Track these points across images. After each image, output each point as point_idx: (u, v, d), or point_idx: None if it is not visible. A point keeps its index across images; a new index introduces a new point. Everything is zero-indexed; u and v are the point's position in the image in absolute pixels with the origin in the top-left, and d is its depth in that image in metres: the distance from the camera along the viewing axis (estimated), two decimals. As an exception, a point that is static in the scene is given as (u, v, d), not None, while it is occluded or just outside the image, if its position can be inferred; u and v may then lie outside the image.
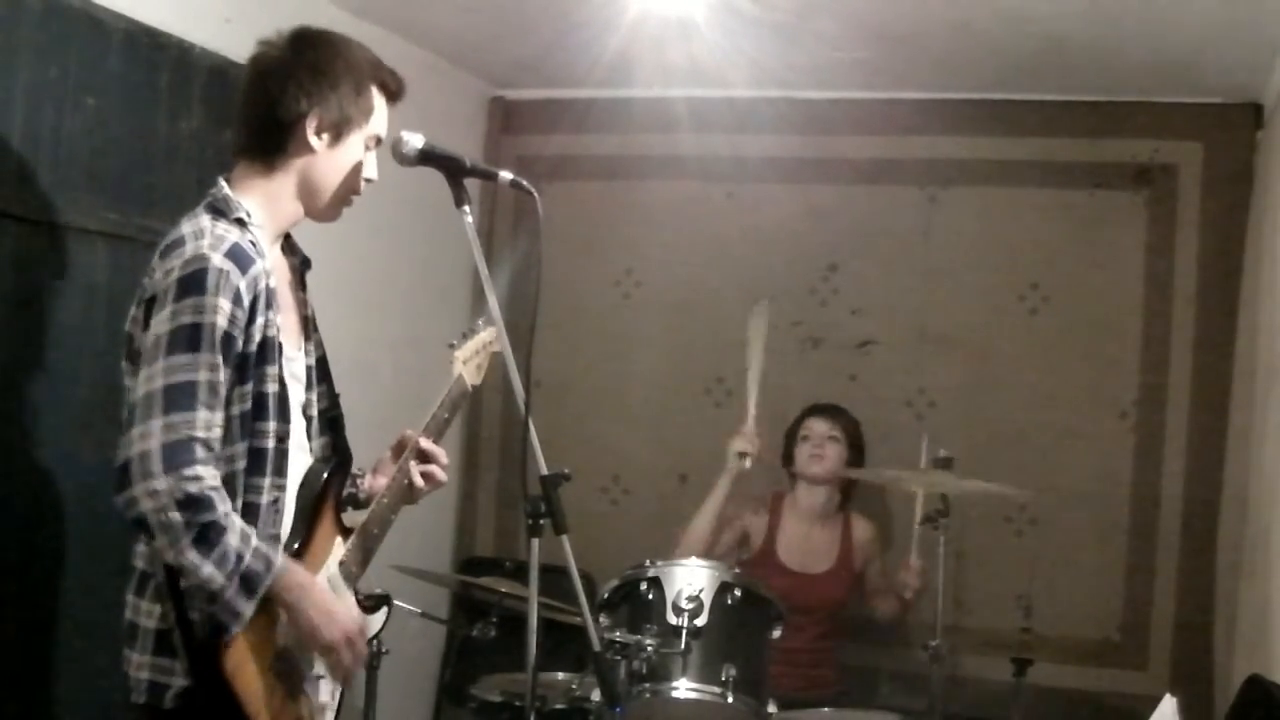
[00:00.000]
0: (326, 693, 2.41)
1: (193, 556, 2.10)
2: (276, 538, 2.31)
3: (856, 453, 4.15)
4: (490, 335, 2.75)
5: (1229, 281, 4.28)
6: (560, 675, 3.41)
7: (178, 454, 2.10)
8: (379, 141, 2.45)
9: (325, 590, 2.34)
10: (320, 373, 2.51)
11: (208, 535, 2.10)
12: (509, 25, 4.16)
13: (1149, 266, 4.41)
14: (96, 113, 3.05)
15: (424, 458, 2.59)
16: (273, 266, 2.33)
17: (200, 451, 2.12)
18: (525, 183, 2.38)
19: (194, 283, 2.16)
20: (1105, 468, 4.40)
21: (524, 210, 4.79)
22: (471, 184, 2.38)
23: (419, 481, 2.58)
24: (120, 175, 3.12)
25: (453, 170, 2.37)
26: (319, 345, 2.52)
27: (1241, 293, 4.25)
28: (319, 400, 2.50)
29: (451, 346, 2.69)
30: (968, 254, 4.56)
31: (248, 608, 2.15)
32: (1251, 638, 3.69)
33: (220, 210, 2.29)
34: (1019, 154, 4.53)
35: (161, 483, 2.08)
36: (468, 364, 2.70)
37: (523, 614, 2.42)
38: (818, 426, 4.15)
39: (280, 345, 2.31)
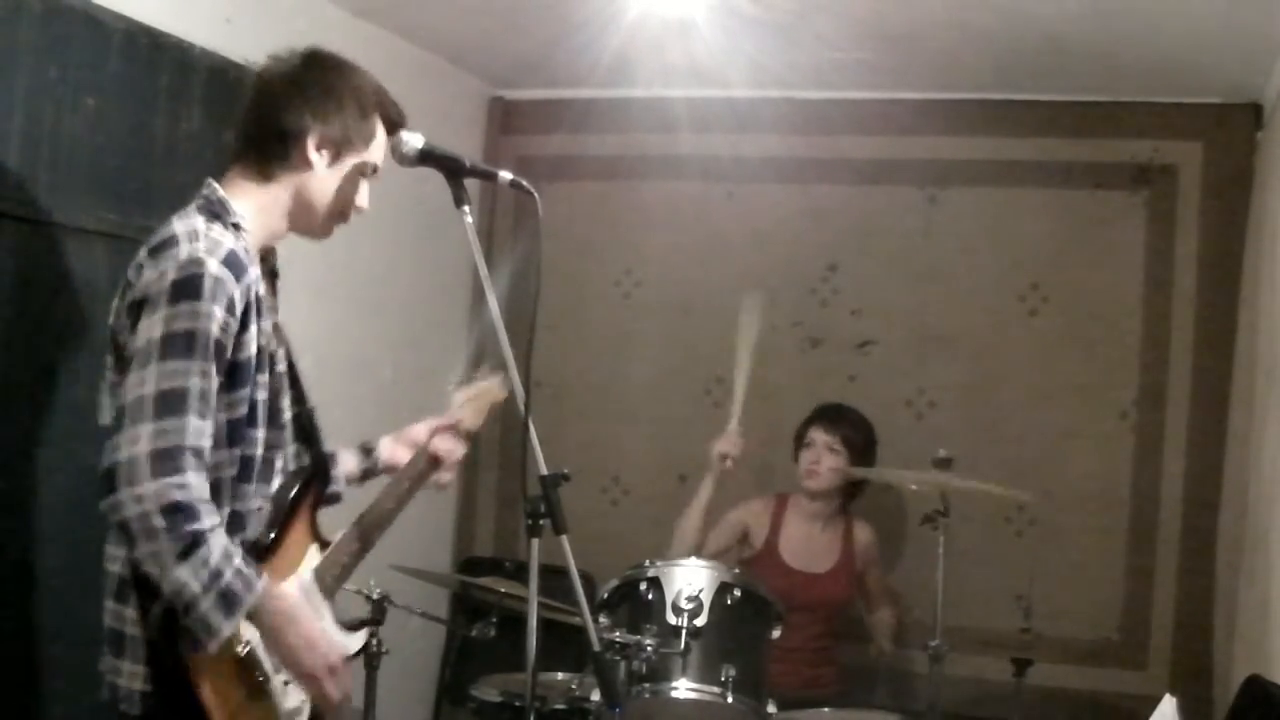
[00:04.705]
0: (296, 698, 2.34)
1: (172, 565, 2.06)
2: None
3: (863, 456, 4.07)
4: (491, 386, 2.74)
5: (1229, 281, 4.28)
6: (560, 675, 3.40)
7: (166, 461, 2.05)
8: (374, 171, 2.42)
9: (309, 617, 2.30)
10: (290, 378, 2.46)
11: (190, 545, 2.06)
12: (509, 25, 4.16)
13: (1149, 266, 4.41)
14: (96, 113, 3.04)
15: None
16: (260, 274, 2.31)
17: (190, 459, 2.08)
18: (525, 183, 2.37)
19: (189, 287, 2.12)
20: (1105, 468, 4.40)
21: (524, 210, 4.79)
22: (471, 184, 2.38)
23: (442, 452, 2.63)
24: (120, 175, 3.12)
25: (452, 170, 2.36)
26: (289, 350, 2.49)
27: (1241, 293, 4.25)
28: (291, 405, 2.45)
29: (452, 387, 2.70)
30: (968, 254, 4.56)
31: (225, 625, 2.11)
32: (1251, 638, 3.69)
33: (215, 213, 2.26)
34: (1019, 154, 4.53)
35: (148, 488, 2.04)
36: (464, 407, 2.71)
37: (523, 614, 2.41)
38: (819, 436, 4.08)
39: (273, 355, 2.30)
